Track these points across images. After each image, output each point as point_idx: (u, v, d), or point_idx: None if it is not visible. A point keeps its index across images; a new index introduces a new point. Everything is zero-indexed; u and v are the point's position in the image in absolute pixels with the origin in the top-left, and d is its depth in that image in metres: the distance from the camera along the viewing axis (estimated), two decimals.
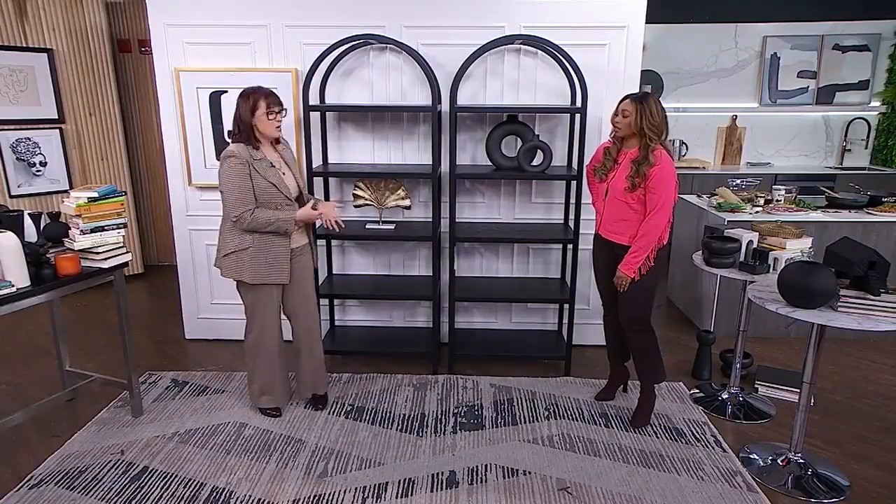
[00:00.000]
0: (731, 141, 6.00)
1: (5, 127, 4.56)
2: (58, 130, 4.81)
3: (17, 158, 4.64)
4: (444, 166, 3.53)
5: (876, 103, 5.90)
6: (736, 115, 5.95)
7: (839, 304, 2.34)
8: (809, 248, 3.02)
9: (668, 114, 2.74)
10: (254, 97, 2.68)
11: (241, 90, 2.74)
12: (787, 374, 3.45)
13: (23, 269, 2.48)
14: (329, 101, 3.60)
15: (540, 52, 3.50)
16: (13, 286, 2.43)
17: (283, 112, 2.76)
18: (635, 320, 2.90)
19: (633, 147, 2.76)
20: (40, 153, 4.75)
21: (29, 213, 2.75)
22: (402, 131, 3.69)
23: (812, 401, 3.23)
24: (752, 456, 2.78)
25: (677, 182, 2.78)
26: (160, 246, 5.71)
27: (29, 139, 4.69)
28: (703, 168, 5.81)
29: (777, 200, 4.20)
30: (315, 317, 3.09)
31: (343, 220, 3.01)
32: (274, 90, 2.78)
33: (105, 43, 4.91)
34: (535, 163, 3.40)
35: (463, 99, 3.55)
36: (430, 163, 3.41)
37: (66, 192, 4.69)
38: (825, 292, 2.33)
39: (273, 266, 2.80)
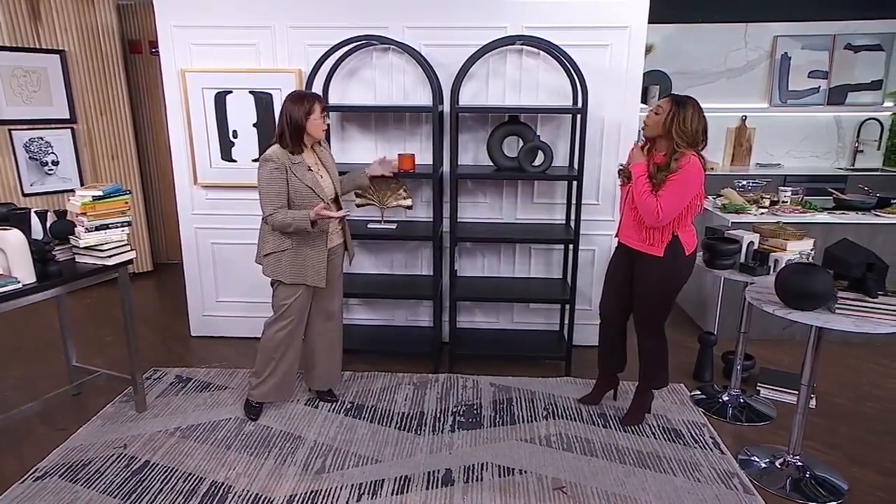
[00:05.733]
0: (740, 142, 5.94)
1: (19, 126, 4.65)
2: (70, 130, 4.90)
3: (29, 157, 4.74)
4: (446, 166, 3.55)
5: (889, 104, 5.81)
6: (745, 116, 5.89)
7: (837, 306, 2.33)
8: (811, 249, 2.99)
9: None
10: (309, 101, 2.73)
11: (291, 94, 2.78)
12: (789, 376, 3.41)
13: (29, 266, 2.53)
14: (332, 101, 3.63)
15: (542, 52, 3.51)
16: (19, 282, 2.49)
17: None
18: (649, 324, 2.86)
19: (661, 151, 2.64)
20: (52, 152, 4.84)
21: (35, 211, 2.81)
22: (405, 131, 3.71)
23: (815, 404, 3.22)
24: (751, 458, 2.77)
25: (701, 194, 2.65)
26: (169, 244, 5.78)
27: (41, 139, 4.78)
28: (712, 169, 5.75)
29: (783, 202, 4.16)
30: (342, 315, 3.19)
31: (346, 220, 3.05)
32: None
33: (116, 44, 4.99)
34: (536, 163, 3.40)
35: (465, 99, 3.57)
36: (432, 163, 3.43)
37: None
38: (822, 294, 2.31)
39: (310, 268, 2.84)
